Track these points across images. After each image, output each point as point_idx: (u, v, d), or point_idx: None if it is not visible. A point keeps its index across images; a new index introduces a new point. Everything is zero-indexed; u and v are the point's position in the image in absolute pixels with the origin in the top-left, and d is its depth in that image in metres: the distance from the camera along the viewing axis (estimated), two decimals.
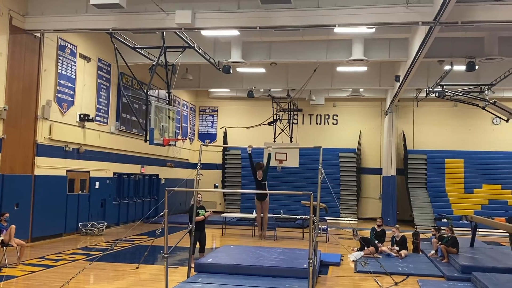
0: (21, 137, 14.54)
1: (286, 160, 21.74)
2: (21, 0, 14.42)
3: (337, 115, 29.14)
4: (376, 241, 14.33)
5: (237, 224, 20.95)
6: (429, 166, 26.98)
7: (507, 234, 12.35)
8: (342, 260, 13.38)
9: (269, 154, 10.34)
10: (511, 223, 18.55)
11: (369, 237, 14.61)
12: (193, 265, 10.58)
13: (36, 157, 15.10)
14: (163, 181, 24.53)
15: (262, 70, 22.33)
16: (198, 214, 11.39)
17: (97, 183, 18.37)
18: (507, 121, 20.81)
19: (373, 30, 15.10)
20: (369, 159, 28.61)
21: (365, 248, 13.76)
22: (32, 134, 15.02)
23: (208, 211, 11.93)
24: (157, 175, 24.28)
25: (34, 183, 14.93)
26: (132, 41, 16.09)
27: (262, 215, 17.28)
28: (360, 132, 28.44)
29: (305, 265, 9.47)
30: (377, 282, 10.32)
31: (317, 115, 29.29)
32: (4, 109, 13.67)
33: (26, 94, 14.73)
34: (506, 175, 25.88)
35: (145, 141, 14.77)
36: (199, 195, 11.75)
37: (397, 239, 14.23)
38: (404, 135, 27.60)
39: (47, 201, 15.39)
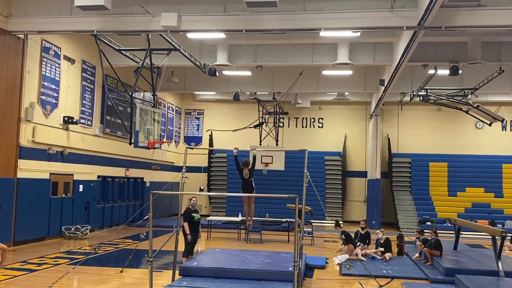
0: (3, 140, 14.34)
1: (272, 163, 21.78)
2: (4, 1, 14.25)
3: (322, 119, 29.27)
4: (361, 244, 14.43)
5: (222, 228, 20.89)
6: (413, 170, 27.24)
7: (490, 236, 12.48)
8: (327, 263, 13.43)
9: (254, 157, 10.48)
10: (494, 226, 18.80)
11: (351, 235, 14.75)
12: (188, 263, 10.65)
13: (19, 159, 14.90)
14: (148, 184, 24.37)
15: (248, 73, 22.34)
16: (193, 218, 11.39)
17: (81, 186, 18.19)
18: (490, 125, 21.13)
19: (358, 34, 15.20)
20: (354, 162, 28.78)
21: (347, 244, 14.08)
22: (15, 136, 14.82)
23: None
24: (142, 178, 24.13)
25: (17, 186, 14.72)
26: (117, 43, 15.99)
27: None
28: (346, 136, 28.59)
29: (290, 268, 9.46)
30: (361, 285, 10.36)
31: (302, 118, 29.40)
32: None
33: (9, 96, 14.53)
34: (489, 179, 26.20)
35: (130, 143, 14.69)
36: (194, 199, 11.74)
37: (381, 242, 14.34)
38: (388, 139, 27.82)
39: (30, 204, 15.19)
